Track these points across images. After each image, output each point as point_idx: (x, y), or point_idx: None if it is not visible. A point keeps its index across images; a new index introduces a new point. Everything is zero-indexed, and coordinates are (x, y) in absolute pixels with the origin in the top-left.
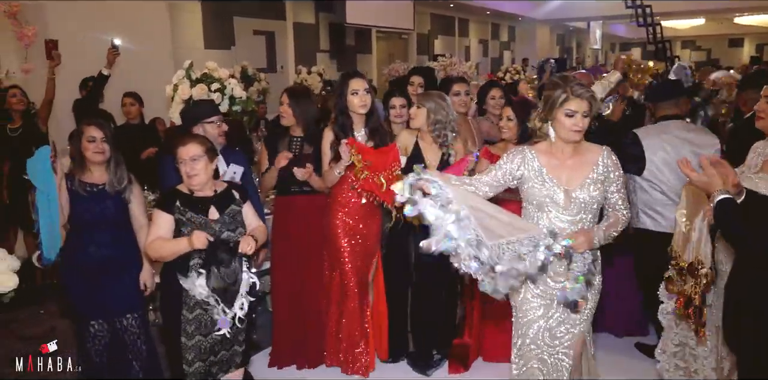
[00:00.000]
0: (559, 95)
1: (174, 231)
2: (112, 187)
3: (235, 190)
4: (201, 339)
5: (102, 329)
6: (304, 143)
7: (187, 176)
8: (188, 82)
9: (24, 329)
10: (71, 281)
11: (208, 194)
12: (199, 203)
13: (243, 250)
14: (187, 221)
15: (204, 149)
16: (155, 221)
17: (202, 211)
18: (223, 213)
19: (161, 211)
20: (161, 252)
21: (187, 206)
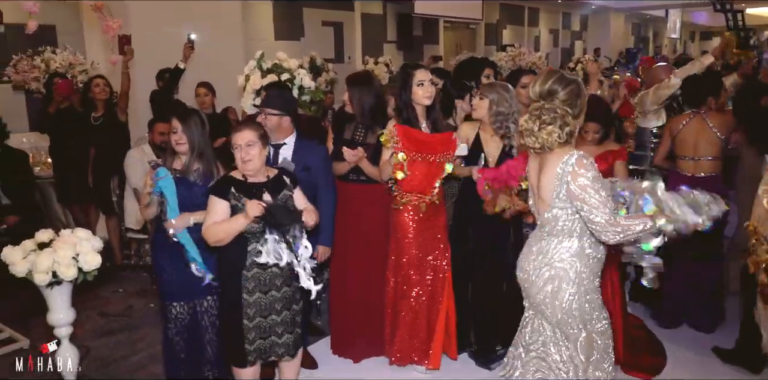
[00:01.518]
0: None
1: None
2: (190, 174)
3: (285, 176)
4: (261, 321)
5: (183, 311)
6: (368, 131)
7: (242, 161)
8: (259, 72)
9: (104, 306)
10: (158, 262)
11: (261, 179)
12: (253, 188)
13: (306, 221)
14: (243, 206)
15: (258, 135)
16: (211, 207)
17: (256, 196)
18: (276, 198)
19: (216, 197)
20: (220, 234)
21: (241, 192)
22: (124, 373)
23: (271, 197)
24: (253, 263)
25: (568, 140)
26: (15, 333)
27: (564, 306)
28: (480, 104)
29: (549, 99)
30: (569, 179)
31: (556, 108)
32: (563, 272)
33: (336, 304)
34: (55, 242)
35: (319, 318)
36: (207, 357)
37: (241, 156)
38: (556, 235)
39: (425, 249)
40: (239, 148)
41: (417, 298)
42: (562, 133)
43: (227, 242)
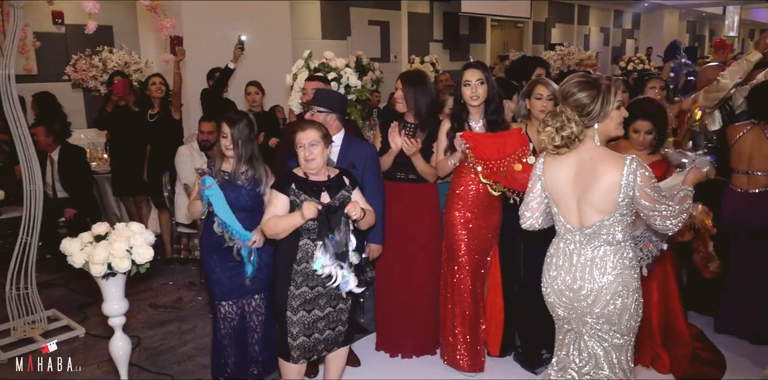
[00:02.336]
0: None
1: (289, 213)
2: (238, 178)
3: (346, 176)
4: (304, 315)
5: (231, 310)
6: (417, 129)
7: (305, 160)
8: (307, 71)
9: (155, 298)
10: (208, 262)
11: (322, 178)
12: (313, 186)
13: (348, 211)
14: (301, 203)
15: (321, 134)
16: (272, 201)
17: (315, 194)
18: (333, 198)
19: (277, 192)
20: (276, 229)
21: (301, 189)
22: (172, 363)
23: (329, 196)
24: (303, 257)
25: (564, 143)
26: (72, 322)
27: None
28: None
29: (564, 101)
30: (640, 183)
31: (562, 112)
32: (627, 281)
33: (382, 302)
34: (111, 235)
35: (362, 316)
36: (253, 356)
37: (305, 155)
38: (609, 244)
39: (477, 249)
40: (303, 147)
41: (466, 297)
42: (557, 135)
43: (283, 236)
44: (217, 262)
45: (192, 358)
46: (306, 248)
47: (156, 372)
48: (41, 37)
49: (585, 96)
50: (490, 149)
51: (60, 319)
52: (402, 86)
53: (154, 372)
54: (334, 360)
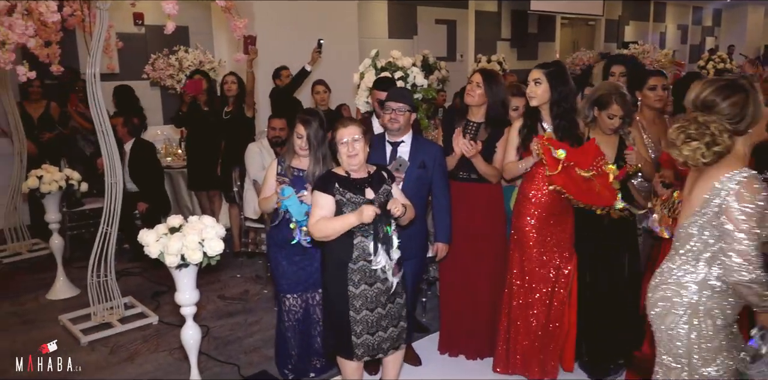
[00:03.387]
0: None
1: (335, 212)
2: (311, 176)
3: (383, 171)
4: (368, 314)
5: (296, 303)
6: (480, 128)
7: (348, 156)
8: (373, 70)
9: (223, 289)
10: (274, 257)
11: (363, 175)
12: (356, 184)
13: (390, 208)
14: (348, 201)
15: (362, 131)
16: (317, 202)
17: (359, 191)
18: (377, 193)
19: (322, 193)
20: (327, 231)
21: (345, 187)
22: (239, 354)
23: (373, 192)
24: (360, 255)
25: (714, 159)
26: (146, 309)
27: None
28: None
29: (706, 111)
30: (728, 198)
31: (709, 123)
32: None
33: (445, 302)
34: (185, 227)
35: (424, 315)
36: (315, 348)
37: (348, 151)
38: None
39: (548, 255)
40: (346, 143)
41: (536, 305)
42: (708, 151)
43: (333, 238)
44: (284, 256)
45: (257, 349)
46: (362, 246)
47: (223, 361)
48: (123, 37)
49: (732, 103)
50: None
51: (135, 306)
52: (482, 79)
53: (221, 361)
54: (393, 359)
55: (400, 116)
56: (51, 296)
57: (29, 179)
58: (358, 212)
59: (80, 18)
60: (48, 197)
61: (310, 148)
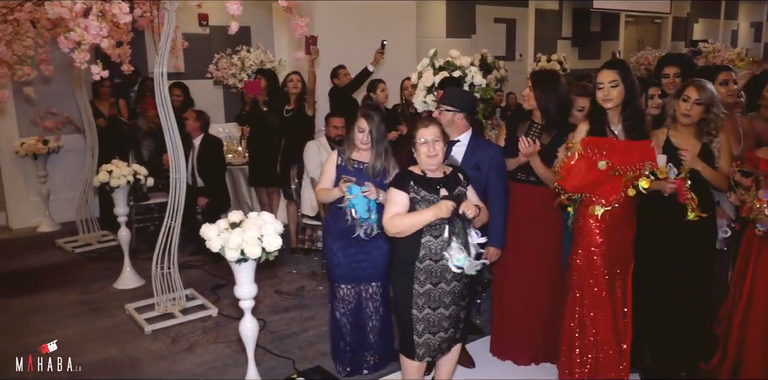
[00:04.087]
0: None
1: (408, 209)
2: (371, 171)
3: (460, 173)
4: (430, 313)
5: (349, 294)
6: (543, 131)
7: (427, 155)
8: (431, 70)
9: (280, 285)
10: (330, 248)
11: (438, 175)
12: (432, 183)
13: (463, 209)
14: (421, 199)
15: (441, 131)
16: (392, 199)
17: (434, 191)
18: (451, 193)
19: (397, 189)
20: (402, 226)
21: (420, 186)
22: (294, 348)
23: (447, 192)
24: (427, 254)
25: None
26: (206, 301)
27: None
28: (697, 109)
29: None
30: None
31: None
32: None
33: (498, 305)
34: (245, 223)
35: (479, 316)
36: (369, 343)
37: (428, 151)
38: None
39: (611, 260)
40: (426, 143)
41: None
42: None
43: (407, 234)
44: (340, 248)
45: (312, 345)
46: (429, 246)
47: (279, 354)
48: (189, 37)
49: None
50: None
51: (196, 298)
52: (531, 85)
53: (276, 355)
54: (446, 358)
55: (456, 116)
56: (118, 285)
57: (100, 174)
58: (435, 206)
59: (149, 19)
60: (117, 191)
61: (371, 142)
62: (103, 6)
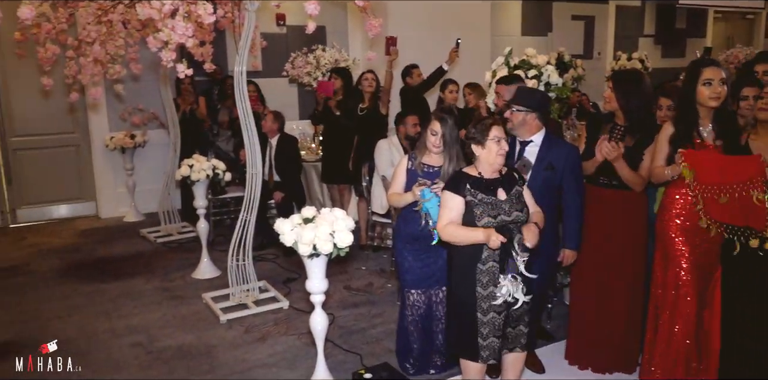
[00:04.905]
0: None
1: (465, 212)
2: (445, 175)
3: (515, 173)
4: (495, 316)
5: (419, 298)
6: (626, 133)
7: (499, 154)
8: (506, 68)
9: (349, 280)
10: (400, 252)
11: (495, 176)
12: (489, 184)
13: (526, 241)
14: (479, 202)
15: (505, 130)
16: (446, 203)
17: (492, 192)
18: (509, 194)
19: (452, 193)
20: (455, 238)
21: (477, 188)
22: (362, 344)
23: (505, 193)
24: (490, 256)
25: None
26: (278, 294)
27: None
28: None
29: None
30: None
31: None
32: None
33: (576, 312)
34: (317, 218)
35: (549, 322)
36: (437, 345)
37: (498, 150)
38: None
39: (701, 265)
40: (498, 141)
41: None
42: None
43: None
44: (411, 251)
45: (380, 341)
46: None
47: (347, 349)
48: (267, 37)
49: None
50: (712, 174)
51: (269, 290)
52: (612, 85)
53: (345, 350)
54: (513, 363)
55: (528, 116)
56: (196, 275)
57: (182, 168)
58: (486, 234)
59: (231, 19)
60: (197, 184)
61: (444, 145)
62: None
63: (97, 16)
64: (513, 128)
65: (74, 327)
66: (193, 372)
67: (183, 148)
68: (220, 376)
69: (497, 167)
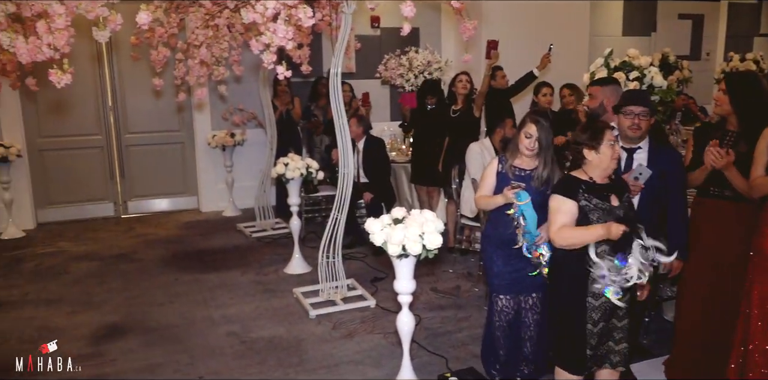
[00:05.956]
0: None
1: (580, 217)
2: (537, 180)
3: (621, 179)
4: (604, 326)
5: (508, 304)
6: (739, 139)
7: (612, 158)
8: (606, 70)
9: (436, 282)
10: (490, 256)
11: (605, 181)
12: (602, 190)
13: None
14: (594, 207)
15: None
16: (559, 208)
17: (605, 198)
18: (621, 200)
19: (565, 198)
20: (572, 240)
21: (590, 193)
22: (448, 347)
23: (617, 200)
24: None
25: None
26: (366, 292)
27: None
28: None
29: None
30: None
31: None
32: None
33: (681, 327)
34: (407, 219)
35: (646, 337)
36: (524, 354)
37: (613, 154)
38: None
39: None
40: (613, 144)
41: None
42: None
43: (577, 248)
44: (501, 256)
45: (465, 345)
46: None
47: (432, 351)
48: (361, 39)
49: None
50: None
51: (356, 289)
52: (725, 88)
53: (430, 351)
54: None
55: (643, 121)
56: (288, 270)
57: (278, 166)
58: (605, 226)
59: (327, 22)
60: (291, 182)
61: (538, 149)
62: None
63: (204, 21)
64: (636, 136)
65: (175, 313)
66: (283, 364)
67: (279, 147)
68: (308, 369)
69: (610, 171)
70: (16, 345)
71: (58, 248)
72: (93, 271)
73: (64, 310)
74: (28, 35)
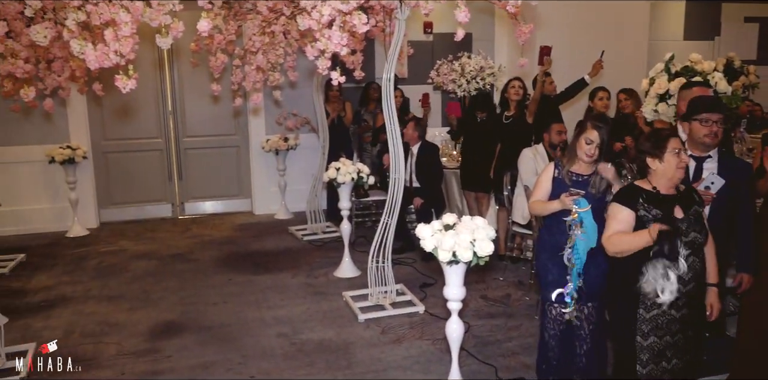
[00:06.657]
0: None
1: (637, 227)
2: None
3: (695, 193)
4: (655, 341)
5: (561, 313)
6: None
7: (678, 167)
8: (666, 75)
9: (486, 290)
10: (545, 263)
11: (671, 192)
12: (665, 200)
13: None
14: (653, 217)
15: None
16: (615, 215)
17: (668, 209)
18: (687, 213)
19: (622, 206)
20: (621, 246)
21: (651, 203)
22: (497, 356)
23: (682, 212)
24: None
25: None
26: (415, 298)
27: None
28: None
29: None
30: None
31: None
32: None
33: (742, 344)
34: (458, 226)
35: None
36: (579, 366)
37: (679, 163)
38: None
39: None
40: (680, 153)
41: None
42: None
43: (627, 254)
44: (555, 264)
45: (516, 355)
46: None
47: (481, 360)
48: (413, 45)
49: None
50: None
51: (405, 294)
52: None
53: (479, 360)
54: None
55: (720, 129)
56: (337, 274)
57: (329, 170)
58: (650, 230)
59: (381, 28)
60: (342, 186)
61: (598, 155)
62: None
63: (261, 28)
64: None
65: (229, 313)
66: (332, 367)
67: (330, 151)
68: (357, 373)
69: (676, 181)
70: (79, 338)
71: (119, 247)
72: (151, 270)
73: (124, 306)
74: (96, 42)
